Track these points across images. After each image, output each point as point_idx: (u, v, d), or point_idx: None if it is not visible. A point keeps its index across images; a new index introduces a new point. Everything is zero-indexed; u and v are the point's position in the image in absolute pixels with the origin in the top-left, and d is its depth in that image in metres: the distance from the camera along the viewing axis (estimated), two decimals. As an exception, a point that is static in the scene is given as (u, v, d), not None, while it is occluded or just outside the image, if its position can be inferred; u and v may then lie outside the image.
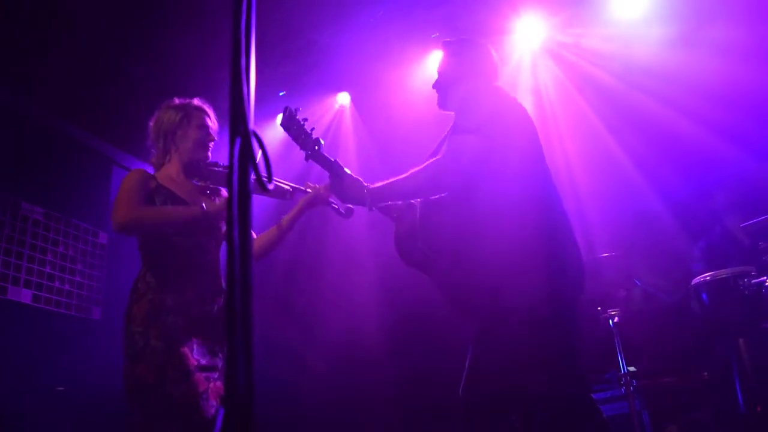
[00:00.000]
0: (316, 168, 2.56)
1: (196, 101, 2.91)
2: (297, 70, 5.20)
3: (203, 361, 2.57)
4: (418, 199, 2.52)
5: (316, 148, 2.44)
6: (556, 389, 2.16)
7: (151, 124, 2.88)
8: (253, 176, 0.92)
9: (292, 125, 2.41)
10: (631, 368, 3.65)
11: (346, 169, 2.49)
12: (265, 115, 5.52)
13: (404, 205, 2.54)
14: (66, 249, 4.93)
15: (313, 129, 2.45)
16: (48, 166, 4.90)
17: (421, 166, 2.37)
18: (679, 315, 3.93)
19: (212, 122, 2.90)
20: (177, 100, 2.90)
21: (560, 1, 4.88)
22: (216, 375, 2.59)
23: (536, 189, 2.34)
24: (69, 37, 4.44)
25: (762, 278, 3.22)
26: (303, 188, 2.95)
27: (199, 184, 2.85)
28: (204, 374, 2.54)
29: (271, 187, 0.92)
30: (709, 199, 4.18)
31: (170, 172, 2.79)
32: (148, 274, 2.64)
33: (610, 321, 3.66)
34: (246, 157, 0.86)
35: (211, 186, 2.86)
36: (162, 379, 2.44)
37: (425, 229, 2.43)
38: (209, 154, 2.87)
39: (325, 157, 2.47)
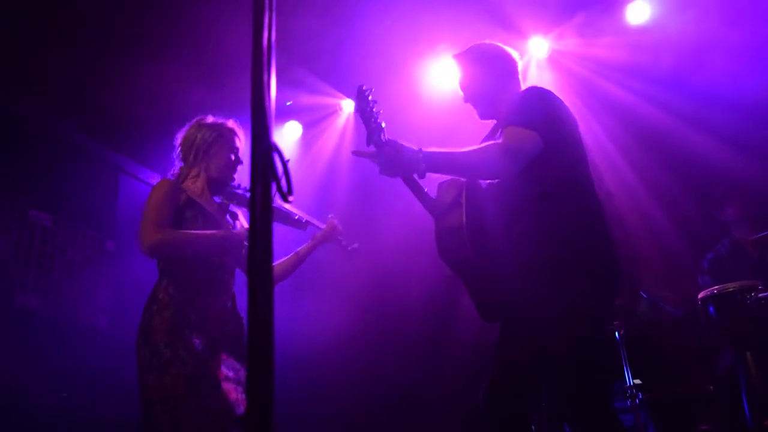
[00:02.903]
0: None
1: (230, 123, 2.98)
2: (302, 77, 5.21)
3: (230, 374, 2.59)
4: (462, 197, 2.43)
5: (382, 135, 2.31)
6: (580, 390, 2.16)
7: (182, 137, 2.94)
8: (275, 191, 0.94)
9: (363, 105, 2.37)
10: (637, 381, 3.65)
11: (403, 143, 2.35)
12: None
13: (449, 203, 2.49)
14: (74, 256, 4.95)
15: (380, 112, 2.37)
16: (56, 174, 4.93)
17: (480, 146, 2.35)
18: (685, 328, 3.92)
19: (241, 145, 2.97)
20: (211, 119, 2.96)
21: (564, 11, 4.90)
22: (241, 388, 2.61)
23: (584, 187, 2.38)
24: (75, 42, 4.48)
25: (768, 292, 3.22)
26: (315, 223, 3.12)
27: (220, 201, 2.92)
28: (233, 386, 2.56)
29: (291, 200, 0.93)
30: (718, 211, 4.18)
31: (196, 188, 2.85)
32: (170, 286, 2.65)
33: (616, 333, 3.67)
34: (268, 172, 0.87)
35: (233, 207, 2.97)
36: (194, 390, 2.46)
37: (472, 227, 2.36)
38: (235, 176, 2.94)
39: (389, 141, 2.34)
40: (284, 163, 0.92)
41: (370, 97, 2.37)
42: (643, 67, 4.94)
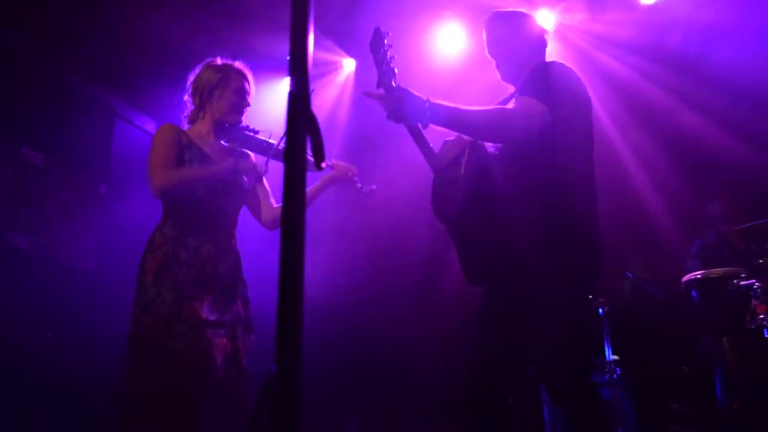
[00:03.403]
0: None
1: (237, 64, 2.96)
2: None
3: (212, 317, 2.63)
4: (464, 156, 2.44)
5: (392, 80, 2.30)
6: (572, 366, 2.24)
7: (191, 79, 2.94)
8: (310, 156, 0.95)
9: (378, 47, 2.35)
10: (616, 357, 3.75)
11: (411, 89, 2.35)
12: (272, 74, 5.49)
13: (451, 160, 2.51)
14: (65, 197, 4.94)
15: (393, 57, 2.36)
16: (51, 114, 4.88)
17: (487, 107, 2.37)
18: (667, 310, 4.01)
19: (250, 87, 2.96)
20: (220, 60, 2.96)
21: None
22: (222, 332, 2.66)
23: (586, 167, 2.43)
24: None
25: (751, 281, 3.29)
26: (328, 164, 3.01)
27: (228, 145, 2.93)
28: (211, 330, 2.61)
29: (324, 166, 0.94)
30: (704, 206, 4.24)
31: (201, 130, 2.89)
32: (166, 225, 2.73)
33: (600, 310, 3.75)
34: (303, 136, 0.88)
35: (239, 149, 2.96)
36: (168, 332, 2.52)
37: (469, 185, 2.39)
38: (242, 118, 2.93)
39: (399, 86, 2.32)
40: (318, 129, 0.93)
41: (385, 41, 2.36)
42: (649, 46, 4.93)
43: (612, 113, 5.07)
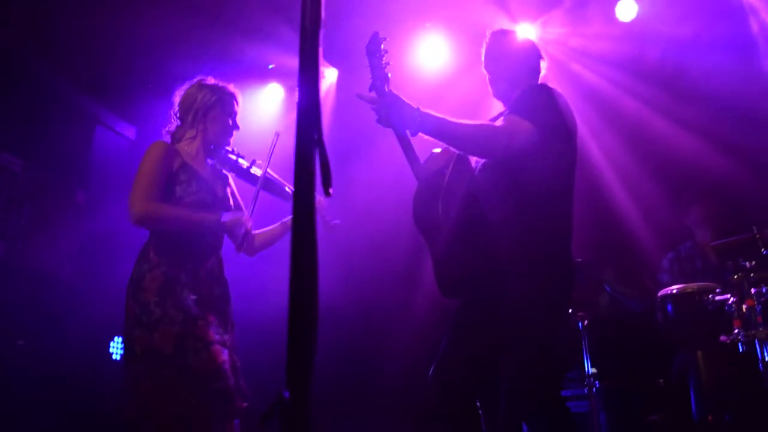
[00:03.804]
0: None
1: (230, 87, 2.97)
2: (289, 39, 5.15)
3: (217, 336, 2.64)
4: (449, 168, 2.50)
5: (384, 86, 2.38)
6: (537, 378, 2.27)
7: (181, 96, 2.93)
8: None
9: (374, 52, 2.40)
10: (594, 370, 3.80)
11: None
12: (252, 82, 5.49)
13: (435, 170, 2.55)
14: (43, 203, 4.88)
15: (388, 63, 2.42)
16: (32, 119, 4.83)
17: (476, 122, 2.40)
18: (644, 323, 4.07)
19: (239, 110, 2.98)
20: (212, 80, 2.95)
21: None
22: (227, 351, 2.68)
23: (565, 189, 2.48)
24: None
25: (725, 296, 3.36)
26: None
27: (215, 166, 2.94)
28: (220, 347, 2.63)
29: (331, 192, 0.95)
30: (683, 213, 4.32)
31: (191, 149, 2.86)
32: (162, 245, 2.70)
33: (580, 323, 3.80)
34: (313, 166, 0.89)
35: (226, 171, 3.00)
36: (181, 349, 2.53)
37: (449, 195, 2.44)
38: (230, 140, 2.96)
39: (391, 92, 2.40)
40: (325, 157, 0.94)
41: (382, 46, 2.41)
42: (628, 60, 5.02)
43: (591, 126, 5.14)
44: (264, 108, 5.59)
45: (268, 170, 3.00)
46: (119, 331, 5.03)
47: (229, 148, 2.97)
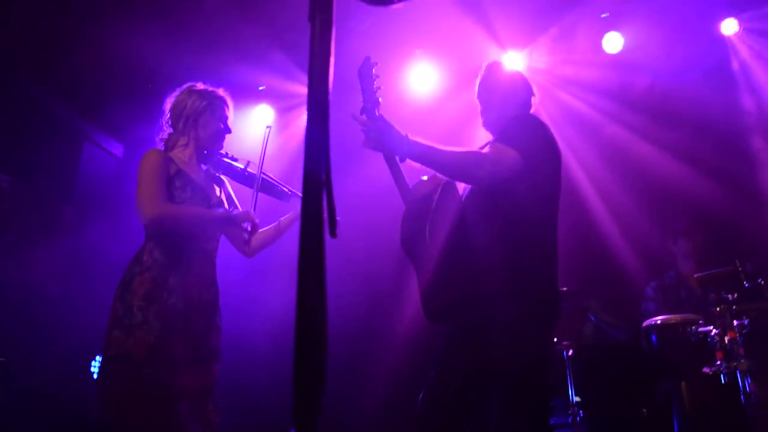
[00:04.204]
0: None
1: (220, 91, 2.97)
2: (281, 63, 5.19)
3: (186, 353, 2.63)
4: (437, 193, 2.54)
5: (375, 109, 2.42)
6: (523, 405, 2.29)
7: (172, 103, 2.92)
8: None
9: (366, 75, 2.44)
10: (577, 398, 3.82)
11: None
12: (242, 103, 5.50)
13: (423, 194, 2.58)
14: (29, 220, 4.85)
15: (379, 88, 2.47)
16: (20, 135, 4.82)
17: (464, 149, 2.45)
18: (628, 352, 4.11)
19: (231, 114, 2.99)
20: (202, 85, 2.95)
21: (541, 30, 5.02)
22: (195, 369, 2.65)
23: (549, 216, 2.51)
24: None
25: (708, 327, 3.41)
26: (300, 195, 3.04)
27: (209, 170, 2.95)
28: (187, 368, 2.61)
29: (336, 235, 0.96)
30: (671, 242, 4.38)
31: (183, 156, 2.87)
32: (156, 249, 2.69)
33: (564, 352, 3.83)
34: (321, 204, 0.90)
35: (219, 175, 3.00)
36: (151, 360, 2.51)
37: (437, 220, 2.47)
38: (223, 144, 2.96)
39: (381, 117, 2.44)
40: (331, 197, 0.95)
41: (373, 71, 2.46)
42: (614, 87, 5.11)
43: (578, 154, 5.21)
44: (254, 128, 5.60)
45: (263, 171, 3.01)
46: (101, 351, 5.04)
47: (223, 152, 2.97)
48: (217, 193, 2.96)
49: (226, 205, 2.95)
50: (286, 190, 3.10)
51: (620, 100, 5.12)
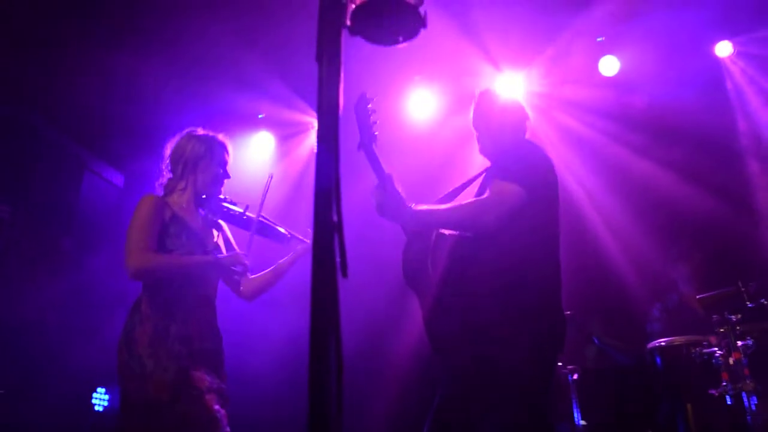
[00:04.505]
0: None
1: (220, 137, 2.98)
2: (282, 91, 5.23)
3: (211, 385, 2.64)
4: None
5: (372, 144, 2.46)
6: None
7: (172, 148, 2.93)
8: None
9: (362, 110, 2.44)
10: (583, 422, 3.80)
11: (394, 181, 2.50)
12: (242, 131, 5.54)
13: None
14: (29, 250, 4.84)
15: (375, 123, 2.48)
16: (21, 165, 4.83)
17: (465, 202, 2.47)
18: (632, 375, 4.09)
19: (230, 159, 2.99)
20: (202, 131, 2.97)
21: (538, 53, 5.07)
22: (221, 401, 2.66)
23: (552, 246, 2.51)
24: (54, 34, 4.40)
25: (713, 348, 3.40)
26: (299, 237, 3.10)
27: (207, 215, 2.94)
28: (214, 396, 2.61)
29: (346, 277, 0.96)
30: (670, 266, 4.38)
31: (181, 201, 2.87)
32: (153, 298, 2.69)
33: (569, 377, 3.82)
34: (332, 248, 0.90)
35: (218, 220, 2.99)
36: (177, 396, 2.52)
37: (437, 251, 2.49)
38: (221, 189, 2.97)
39: (376, 156, 2.48)
40: (343, 242, 0.96)
41: (369, 105, 2.47)
42: (611, 106, 5.14)
43: (577, 175, 5.23)
44: (254, 155, 5.63)
45: (262, 215, 3.00)
46: (102, 382, 5.01)
47: (222, 196, 2.97)
48: (215, 238, 2.95)
49: (223, 250, 2.94)
50: (286, 233, 3.09)
51: (618, 120, 5.16)
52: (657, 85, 4.95)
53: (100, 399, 4.99)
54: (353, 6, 1.23)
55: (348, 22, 1.25)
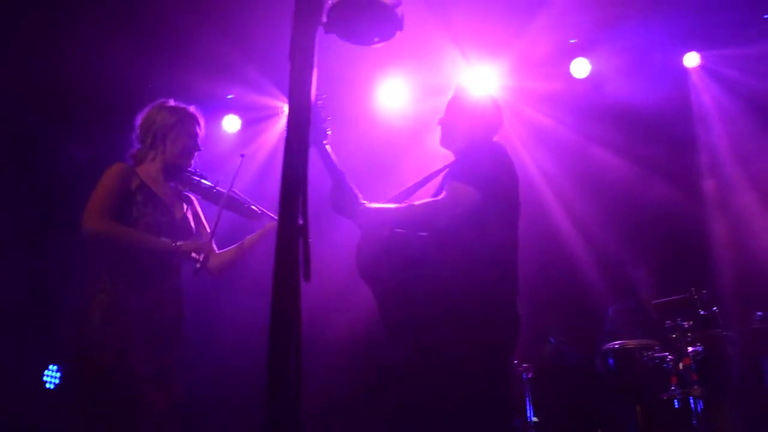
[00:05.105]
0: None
1: (191, 109, 2.95)
2: (253, 76, 5.18)
3: (149, 372, 2.59)
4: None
5: (324, 142, 2.48)
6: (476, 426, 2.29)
7: (142, 118, 2.89)
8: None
9: (314, 110, 2.42)
10: (535, 419, 3.87)
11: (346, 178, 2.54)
12: (213, 114, 5.47)
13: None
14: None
15: (327, 119, 2.50)
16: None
17: (420, 202, 2.49)
18: (586, 375, 4.17)
19: (202, 132, 2.95)
20: (173, 102, 2.93)
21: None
22: (154, 388, 2.61)
23: (507, 249, 2.51)
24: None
25: (664, 353, 3.49)
26: (270, 214, 3.04)
27: (177, 187, 2.91)
28: (146, 385, 2.58)
29: (308, 281, 0.95)
30: (631, 268, 4.47)
31: (151, 171, 2.83)
32: (111, 269, 2.65)
33: (524, 375, 3.88)
34: (296, 257, 0.90)
35: (187, 192, 2.96)
36: (107, 381, 2.50)
37: (393, 248, 2.48)
38: (192, 162, 2.93)
39: (328, 154, 2.50)
40: (307, 245, 0.95)
41: (320, 102, 2.48)
42: (582, 105, 5.20)
43: (545, 171, 5.29)
44: (221, 138, 5.58)
45: (233, 189, 2.97)
46: (54, 360, 4.92)
47: (192, 169, 2.93)
48: (183, 210, 2.91)
49: (191, 223, 2.91)
50: (256, 209, 3.04)
51: (586, 117, 5.20)
52: (626, 88, 5.01)
53: (52, 376, 4.91)
54: (330, 3, 1.22)
55: (324, 19, 1.23)
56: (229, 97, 5.58)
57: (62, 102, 5.03)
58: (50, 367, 4.87)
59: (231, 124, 5.63)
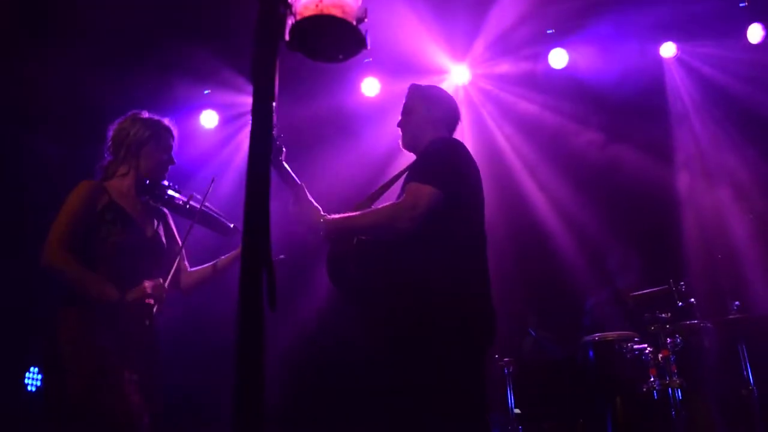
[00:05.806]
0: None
1: (166, 121, 2.86)
2: (230, 76, 5.14)
3: (134, 378, 2.56)
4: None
5: (280, 158, 2.51)
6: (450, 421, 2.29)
7: (113, 130, 2.79)
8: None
9: None
10: (517, 410, 3.90)
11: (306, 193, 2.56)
12: (191, 110, 5.43)
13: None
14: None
15: (281, 135, 2.50)
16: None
17: (380, 207, 2.49)
18: (566, 367, 4.20)
19: (175, 144, 2.88)
20: (146, 114, 2.83)
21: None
22: (142, 395, 2.58)
23: (473, 244, 2.51)
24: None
25: (643, 345, 3.53)
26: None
27: (149, 202, 2.83)
28: (135, 389, 2.54)
29: (273, 311, 0.94)
30: (608, 259, 4.50)
31: (122, 186, 2.74)
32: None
33: (505, 369, 3.90)
34: (260, 291, 0.89)
35: (160, 208, 2.89)
36: (95, 392, 2.44)
37: (361, 253, 2.49)
38: (165, 176, 2.86)
39: (286, 169, 2.52)
40: (272, 276, 0.94)
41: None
42: (559, 91, 5.20)
43: (524, 157, 5.29)
44: (200, 135, 5.52)
45: (206, 204, 2.91)
46: (35, 362, 4.87)
47: (165, 183, 2.86)
48: (155, 226, 2.83)
49: (163, 239, 2.83)
50: (230, 225, 3.00)
51: (564, 101, 5.21)
52: (604, 77, 5.02)
53: (33, 379, 4.87)
54: (292, 21, 1.19)
55: (286, 38, 1.21)
56: (206, 92, 5.53)
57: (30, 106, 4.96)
58: (31, 369, 4.83)
59: (209, 119, 5.58)
